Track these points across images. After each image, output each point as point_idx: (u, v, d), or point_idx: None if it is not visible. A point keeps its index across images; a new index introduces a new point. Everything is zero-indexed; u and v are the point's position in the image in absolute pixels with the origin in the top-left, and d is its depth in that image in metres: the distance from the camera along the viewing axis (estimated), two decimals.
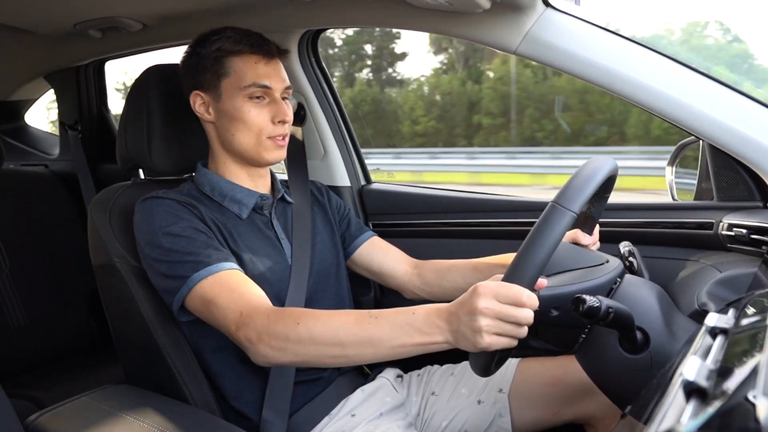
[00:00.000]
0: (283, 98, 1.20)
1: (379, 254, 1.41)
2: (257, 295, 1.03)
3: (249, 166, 1.23)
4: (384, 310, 0.93)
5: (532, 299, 0.81)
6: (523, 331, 0.82)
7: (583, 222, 1.15)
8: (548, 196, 1.19)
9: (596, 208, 1.13)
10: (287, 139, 1.22)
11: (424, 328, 0.87)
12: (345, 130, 1.76)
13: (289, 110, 1.20)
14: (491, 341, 0.81)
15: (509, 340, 0.82)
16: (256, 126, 1.16)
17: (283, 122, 1.18)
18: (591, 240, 1.16)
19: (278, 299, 1.18)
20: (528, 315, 0.81)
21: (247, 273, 1.14)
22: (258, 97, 1.16)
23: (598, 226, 1.20)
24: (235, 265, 1.08)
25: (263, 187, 1.26)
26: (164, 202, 1.13)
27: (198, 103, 1.19)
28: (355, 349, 0.92)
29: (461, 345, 0.85)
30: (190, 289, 1.04)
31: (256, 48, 1.16)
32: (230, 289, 1.03)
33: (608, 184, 1.01)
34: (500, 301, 0.81)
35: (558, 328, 0.93)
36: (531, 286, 0.82)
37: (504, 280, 0.84)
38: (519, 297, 0.80)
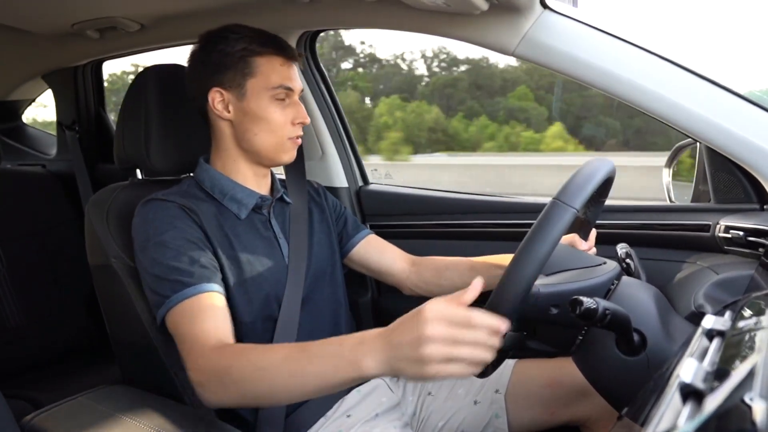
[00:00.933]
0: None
1: (376, 251, 1.41)
2: (212, 329, 1.01)
3: (258, 165, 1.23)
4: (315, 342, 0.87)
5: (488, 322, 0.75)
6: (485, 356, 0.75)
7: (579, 227, 1.16)
8: (545, 198, 1.19)
9: (592, 213, 1.13)
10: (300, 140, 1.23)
11: (353, 360, 0.80)
12: (343, 131, 1.77)
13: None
14: (438, 370, 0.73)
15: (465, 367, 0.75)
16: (279, 127, 1.17)
17: (302, 123, 1.20)
18: (587, 245, 1.17)
19: (276, 299, 1.18)
20: (489, 338, 0.74)
21: (244, 273, 1.14)
22: (281, 99, 1.16)
23: (594, 231, 1.20)
24: (214, 286, 1.06)
25: (264, 187, 1.26)
26: (164, 206, 1.12)
27: (217, 100, 1.17)
28: (284, 388, 0.87)
29: (403, 375, 0.77)
30: (168, 310, 1.04)
31: (281, 51, 1.17)
32: (190, 320, 1.01)
33: (606, 186, 1.01)
34: (451, 324, 0.74)
35: (556, 327, 0.93)
36: (532, 282, 0.82)
37: (505, 275, 0.83)
38: (468, 321, 0.74)
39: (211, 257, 1.11)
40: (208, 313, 1.03)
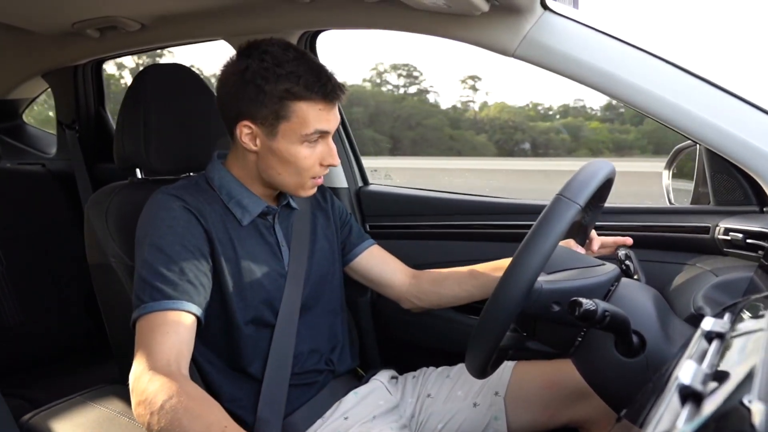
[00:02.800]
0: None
1: (379, 263, 1.40)
2: (168, 349, 0.99)
3: (274, 189, 1.21)
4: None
5: None
6: None
7: (577, 231, 1.16)
8: (546, 200, 1.19)
9: (590, 217, 1.13)
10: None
11: None
12: (343, 131, 1.76)
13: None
14: None
15: None
16: (306, 169, 1.13)
17: (331, 165, 1.15)
18: (595, 246, 1.17)
19: (273, 306, 1.18)
20: None
21: (243, 278, 1.13)
22: (314, 141, 1.12)
23: (595, 232, 1.20)
24: (191, 306, 1.04)
25: (270, 197, 1.23)
26: (170, 206, 1.10)
27: (245, 132, 1.11)
28: None
29: None
30: (140, 315, 1.03)
31: (324, 95, 1.08)
32: (150, 337, 1.00)
33: (606, 188, 1.01)
34: None
35: (556, 328, 0.93)
36: (535, 276, 0.82)
37: (508, 268, 0.83)
38: None
39: (204, 271, 1.09)
40: (171, 332, 1.00)
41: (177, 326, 1.01)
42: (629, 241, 1.21)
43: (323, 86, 1.08)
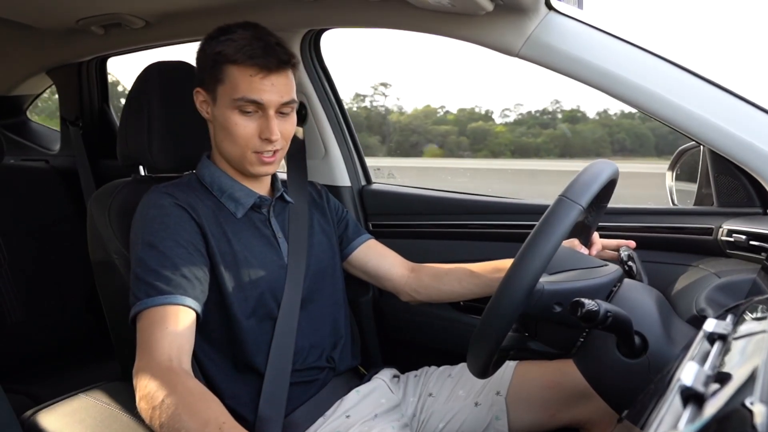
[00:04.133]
0: (282, 113, 1.14)
1: (376, 257, 1.40)
2: (168, 343, 0.99)
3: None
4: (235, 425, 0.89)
5: None
6: None
7: (580, 231, 1.15)
8: (549, 200, 1.19)
9: (593, 217, 1.13)
10: (279, 155, 1.17)
11: None
12: (346, 130, 1.77)
13: (286, 125, 1.15)
14: None
15: None
16: (242, 139, 1.13)
17: (268, 140, 1.13)
18: (596, 248, 1.17)
19: (274, 299, 1.18)
20: None
21: (240, 271, 1.14)
22: (247, 112, 1.11)
23: (597, 235, 1.20)
24: (188, 300, 1.04)
25: (262, 188, 1.25)
26: (162, 203, 1.11)
27: (200, 100, 1.18)
28: None
29: None
30: (137, 312, 1.04)
31: (253, 59, 1.09)
32: (154, 328, 1.01)
33: (608, 189, 1.01)
34: None
35: (558, 328, 0.93)
36: (538, 276, 0.82)
37: (510, 270, 0.83)
38: None
39: (198, 265, 1.09)
40: (170, 328, 1.01)
41: (175, 321, 1.02)
42: (632, 243, 1.21)
43: (252, 47, 1.09)
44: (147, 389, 0.93)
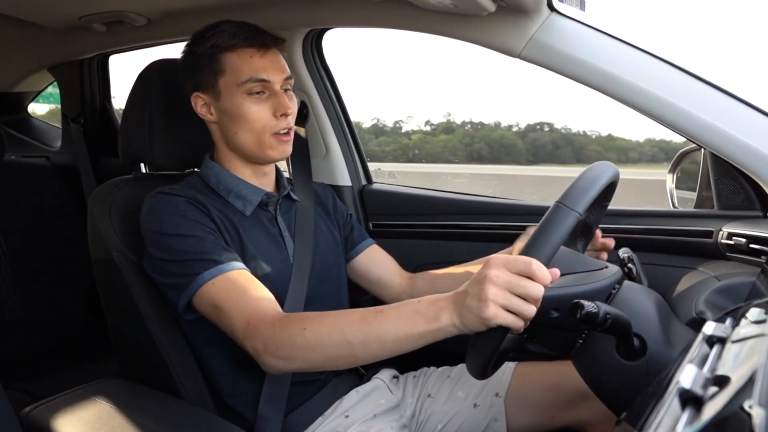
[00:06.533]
0: (285, 90, 1.16)
1: (378, 263, 1.40)
2: (265, 299, 1.01)
3: (254, 164, 1.21)
4: (389, 305, 0.90)
5: (543, 272, 0.78)
6: (531, 310, 0.78)
7: (581, 231, 1.15)
8: (549, 201, 1.19)
9: (595, 217, 1.13)
10: (292, 133, 1.19)
11: (428, 314, 0.85)
12: (347, 129, 1.77)
13: (292, 102, 1.17)
14: (496, 312, 0.77)
15: (515, 319, 0.78)
16: (259, 123, 1.13)
17: (286, 115, 1.14)
18: (600, 245, 1.17)
19: (278, 297, 1.18)
20: (538, 289, 0.77)
21: (249, 269, 1.14)
22: (258, 93, 1.12)
23: (600, 232, 1.20)
24: (243, 266, 1.06)
25: (269, 184, 1.25)
26: (172, 201, 1.11)
27: (200, 104, 1.17)
28: (363, 347, 0.89)
29: (466, 322, 0.81)
30: (198, 287, 1.03)
31: (249, 41, 1.12)
32: (238, 293, 1.01)
33: (609, 190, 1.01)
34: (510, 271, 0.78)
35: (556, 330, 0.93)
36: None
37: None
38: (529, 266, 0.77)
39: (229, 247, 1.10)
40: (253, 286, 1.02)
41: (252, 281, 1.04)
42: (611, 243, 1.20)
43: (244, 31, 1.12)
44: (286, 338, 0.93)
